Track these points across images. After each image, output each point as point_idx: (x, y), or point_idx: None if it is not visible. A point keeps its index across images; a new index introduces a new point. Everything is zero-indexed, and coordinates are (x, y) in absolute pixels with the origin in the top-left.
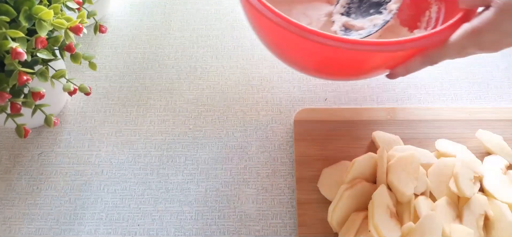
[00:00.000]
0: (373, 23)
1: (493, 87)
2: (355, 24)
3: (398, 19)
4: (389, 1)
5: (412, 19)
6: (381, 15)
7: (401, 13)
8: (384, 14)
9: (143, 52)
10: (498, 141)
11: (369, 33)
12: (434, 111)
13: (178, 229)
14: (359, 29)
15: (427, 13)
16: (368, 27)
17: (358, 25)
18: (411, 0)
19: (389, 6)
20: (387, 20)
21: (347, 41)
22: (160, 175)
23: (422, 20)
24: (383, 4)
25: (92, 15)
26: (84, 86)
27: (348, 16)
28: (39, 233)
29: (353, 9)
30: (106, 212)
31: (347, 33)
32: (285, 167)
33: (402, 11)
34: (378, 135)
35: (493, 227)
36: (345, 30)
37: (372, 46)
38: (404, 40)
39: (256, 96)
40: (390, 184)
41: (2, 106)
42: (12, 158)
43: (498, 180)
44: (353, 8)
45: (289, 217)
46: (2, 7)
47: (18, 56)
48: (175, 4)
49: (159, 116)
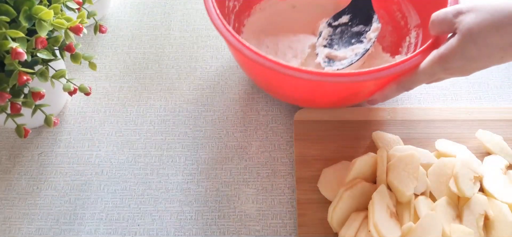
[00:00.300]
0: (355, 52)
1: (493, 87)
2: (337, 55)
3: (380, 46)
4: (369, 30)
5: (394, 45)
6: (361, 44)
7: (383, 39)
8: (364, 43)
9: (143, 52)
10: (498, 141)
11: (351, 62)
12: (434, 111)
13: (178, 229)
14: (341, 59)
15: (408, 38)
16: (350, 56)
17: (340, 55)
18: (393, 28)
19: (368, 35)
20: (368, 48)
21: (309, 73)
22: (160, 175)
23: (403, 46)
24: (363, 34)
25: (92, 15)
26: (84, 86)
27: (330, 48)
28: (39, 233)
29: (335, 40)
30: (106, 212)
31: (331, 64)
32: (285, 167)
33: (384, 38)
34: (378, 135)
35: (493, 227)
36: (328, 61)
37: (332, 77)
38: (366, 71)
39: (256, 96)
40: (390, 184)
41: (2, 106)
42: (12, 158)
43: (498, 180)
44: (335, 39)
45: (289, 217)
46: (2, 7)
47: (18, 56)
48: (175, 4)
49: (159, 116)
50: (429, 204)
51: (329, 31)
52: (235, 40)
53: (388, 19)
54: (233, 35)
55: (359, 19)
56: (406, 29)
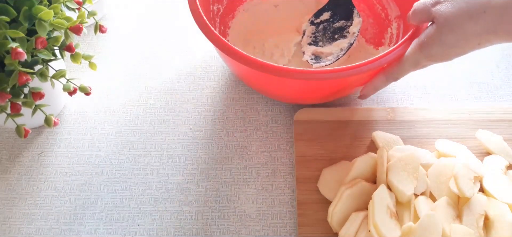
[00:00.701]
0: (340, 48)
1: (493, 87)
2: (323, 51)
3: (364, 38)
4: (350, 25)
5: (377, 36)
6: (345, 39)
7: (365, 32)
8: (348, 37)
9: (143, 52)
10: (498, 141)
11: (338, 57)
12: (434, 112)
13: (178, 229)
14: (327, 55)
15: (389, 30)
16: (336, 52)
17: (326, 51)
18: (374, 20)
19: (351, 30)
20: (352, 42)
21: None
22: (160, 175)
23: (386, 37)
24: (346, 28)
25: (92, 15)
26: (84, 86)
27: (315, 45)
28: (39, 233)
29: (319, 37)
30: (106, 212)
31: (318, 61)
32: (285, 167)
33: (367, 31)
34: (378, 135)
35: (493, 227)
36: (315, 58)
37: (320, 75)
38: (357, 65)
39: (256, 96)
40: (390, 184)
41: (2, 106)
42: (12, 158)
43: (498, 180)
44: (319, 36)
45: (289, 217)
46: (2, 7)
47: (18, 56)
48: (176, 3)
49: (159, 116)
50: (429, 204)
51: (312, 29)
52: (229, 49)
53: (368, 12)
54: (228, 47)
55: (340, 15)
56: (387, 20)
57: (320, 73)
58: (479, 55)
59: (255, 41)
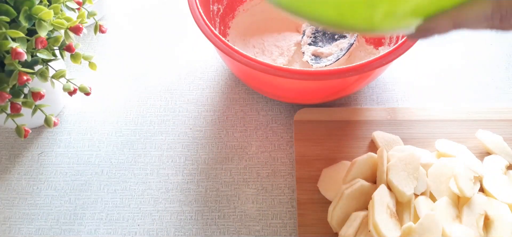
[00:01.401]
0: (340, 48)
1: (493, 87)
2: (323, 52)
3: (364, 38)
4: None
5: (376, 37)
6: (345, 38)
7: None
8: (348, 37)
9: (143, 52)
10: (498, 141)
11: (338, 58)
12: (434, 112)
13: (178, 229)
14: (327, 55)
15: None
16: (336, 52)
17: (326, 52)
18: None
19: None
20: (352, 42)
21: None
22: (160, 175)
23: (386, 37)
24: None
25: (92, 15)
26: (84, 86)
27: (315, 45)
28: (39, 233)
29: (319, 37)
30: (106, 212)
31: (318, 61)
32: (285, 167)
33: None
34: (378, 135)
35: (493, 227)
36: (315, 59)
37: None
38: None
39: (256, 96)
40: (390, 184)
41: (2, 106)
42: (12, 158)
43: (498, 180)
44: (319, 36)
45: (289, 217)
46: (2, 7)
47: (18, 56)
48: (175, 4)
49: (159, 116)
50: (429, 204)
51: (312, 29)
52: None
53: None
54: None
55: None
56: None
57: (320, 73)
58: (479, 55)
59: (255, 41)
